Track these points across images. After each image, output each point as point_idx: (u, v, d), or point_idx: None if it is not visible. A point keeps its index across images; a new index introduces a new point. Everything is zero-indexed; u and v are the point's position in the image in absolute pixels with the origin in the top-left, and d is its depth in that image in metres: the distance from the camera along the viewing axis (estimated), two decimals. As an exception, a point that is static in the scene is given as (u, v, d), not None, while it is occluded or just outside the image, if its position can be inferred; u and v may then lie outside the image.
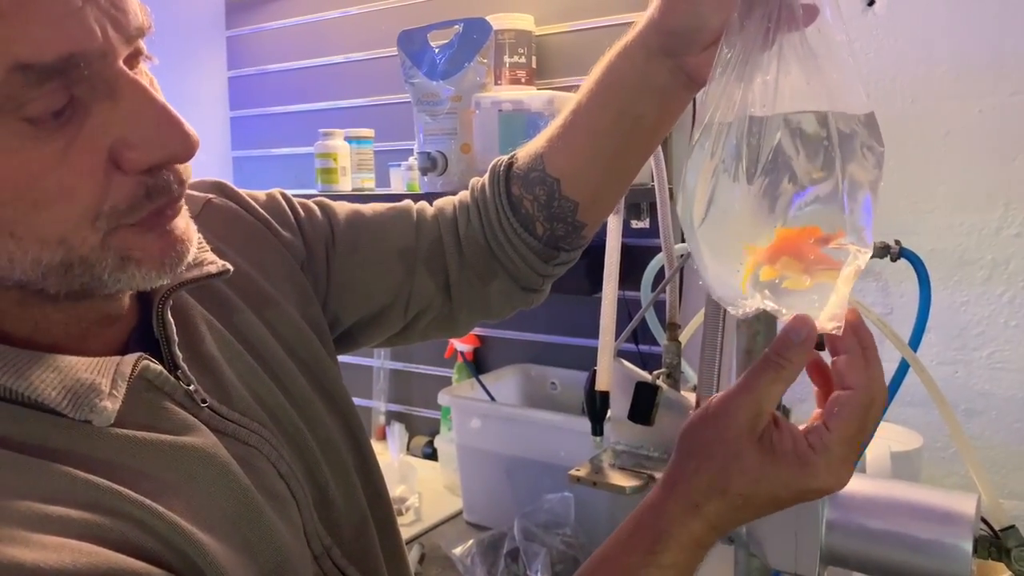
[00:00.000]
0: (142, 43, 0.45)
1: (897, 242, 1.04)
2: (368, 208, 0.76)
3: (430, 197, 1.36)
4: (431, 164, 1.28)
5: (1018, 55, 1.17)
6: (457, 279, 0.74)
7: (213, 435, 0.52)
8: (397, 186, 1.60)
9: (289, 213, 0.72)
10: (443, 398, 1.41)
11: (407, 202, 0.78)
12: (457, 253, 0.74)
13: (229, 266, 0.57)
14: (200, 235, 0.56)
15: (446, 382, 1.66)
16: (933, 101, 1.23)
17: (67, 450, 0.45)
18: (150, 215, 0.46)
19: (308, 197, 1.61)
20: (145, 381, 0.50)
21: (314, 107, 1.89)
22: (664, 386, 0.85)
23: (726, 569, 1.03)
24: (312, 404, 0.62)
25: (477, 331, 1.68)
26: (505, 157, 0.73)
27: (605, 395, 0.82)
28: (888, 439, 1.06)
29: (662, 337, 1.19)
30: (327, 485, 0.60)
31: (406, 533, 1.34)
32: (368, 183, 1.60)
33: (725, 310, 0.77)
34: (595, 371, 0.83)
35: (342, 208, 0.75)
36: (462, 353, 1.67)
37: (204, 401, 0.53)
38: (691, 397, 0.82)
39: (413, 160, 1.50)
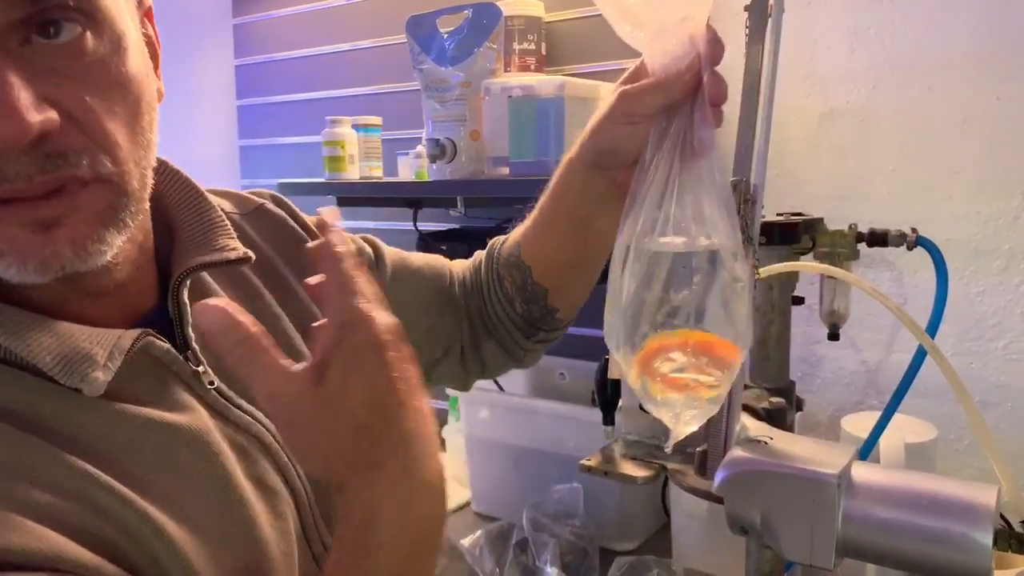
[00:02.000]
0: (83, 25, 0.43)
1: (914, 230, 1.02)
2: (411, 254, 0.82)
3: (439, 184, 1.35)
4: (440, 151, 1.27)
5: (1038, 41, 1.15)
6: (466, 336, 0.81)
7: (213, 419, 0.52)
8: (405, 174, 1.59)
9: None
10: (451, 389, 1.41)
11: (442, 258, 0.84)
12: (467, 313, 0.81)
13: (250, 253, 0.57)
14: (228, 224, 0.58)
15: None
16: (950, 87, 1.21)
17: (53, 419, 0.45)
18: (18, 202, 0.42)
19: (315, 185, 1.61)
20: (152, 358, 0.51)
21: (321, 95, 1.88)
22: (677, 375, 0.84)
23: (738, 561, 1.02)
24: None
25: (485, 321, 1.67)
26: (502, 236, 0.80)
27: (617, 383, 0.81)
28: (902, 430, 1.05)
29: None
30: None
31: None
32: (376, 171, 1.59)
33: (740, 298, 0.75)
34: (607, 360, 0.82)
35: (388, 247, 0.81)
36: (470, 343, 1.66)
37: (212, 383, 0.53)
38: (704, 387, 0.81)
39: (421, 148, 1.49)
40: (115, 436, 0.47)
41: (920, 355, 0.93)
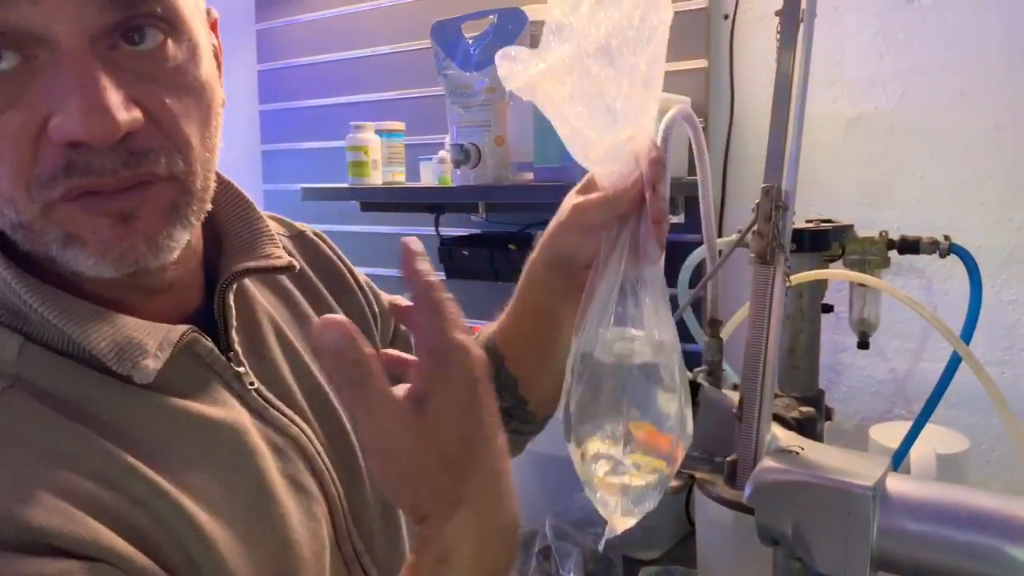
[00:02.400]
0: (155, 30, 0.46)
1: (947, 238, 1.01)
2: None
3: (463, 190, 1.35)
4: (464, 156, 1.27)
5: (1072, 45, 1.13)
6: None
7: (252, 418, 0.54)
8: (427, 179, 1.59)
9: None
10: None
11: None
12: None
13: (295, 262, 0.60)
14: (271, 234, 0.60)
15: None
16: (983, 93, 1.19)
17: (100, 409, 0.47)
18: (83, 194, 0.45)
19: (338, 191, 1.61)
20: (196, 356, 0.53)
21: (343, 100, 1.88)
22: (705, 384, 0.83)
23: (765, 571, 1.01)
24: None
25: (506, 326, 1.67)
26: (489, 324, 0.81)
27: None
28: (933, 441, 1.03)
29: (699, 334, 1.17)
30: (364, 491, 0.60)
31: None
32: (399, 176, 1.59)
33: (771, 307, 0.74)
34: (635, 368, 0.81)
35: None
36: (492, 348, 1.65)
37: (252, 384, 0.55)
38: (733, 396, 0.80)
39: (444, 153, 1.49)
40: (157, 429, 0.48)
41: (954, 364, 0.91)
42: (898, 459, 0.96)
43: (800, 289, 0.98)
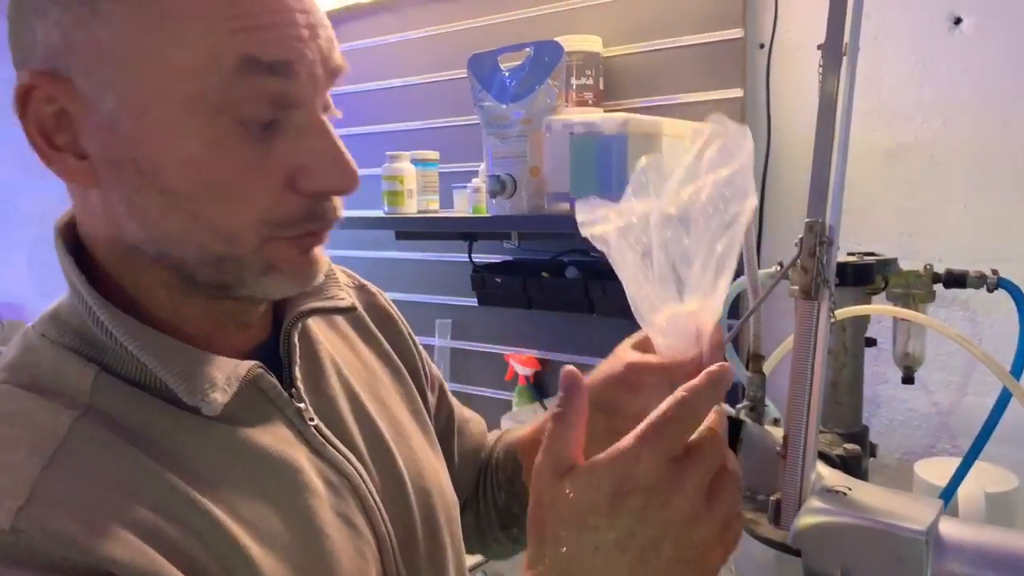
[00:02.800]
0: (329, 98, 0.54)
1: (994, 272, 0.98)
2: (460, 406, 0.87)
3: (498, 220, 1.35)
4: (500, 187, 1.27)
5: (1120, 74, 1.11)
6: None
7: (309, 454, 0.56)
8: (461, 207, 1.60)
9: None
10: (507, 422, 1.39)
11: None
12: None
13: (357, 304, 0.65)
14: (336, 277, 0.65)
15: (505, 405, 1.64)
16: (1021, 121, 1.18)
17: (163, 438, 0.49)
18: (305, 235, 0.52)
19: (374, 220, 1.62)
20: (261, 392, 0.55)
21: (377, 129, 1.90)
22: (748, 420, 0.82)
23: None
24: (416, 452, 0.66)
25: (538, 354, 1.66)
26: (516, 427, 0.85)
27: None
28: (982, 479, 1.00)
29: (740, 369, 1.15)
30: (414, 533, 0.62)
31: (470, 560, 1.32)
32: (433, 204, 1.61)
33: (816, 343, 0.73)
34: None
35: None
36: (525, 376, 1.65)
37: (312, 420, 0.57)
38: (775, 431, 0.78)
39: (478, 181, 1.50)
40: (217, 460, 0.51)
41: (1004, 400, 0.89)
42: (946, 497, 0.94)
43: (843, 323, 0.96)
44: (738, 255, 0.56)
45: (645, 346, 0.63)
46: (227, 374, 0.52)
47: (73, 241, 0.54)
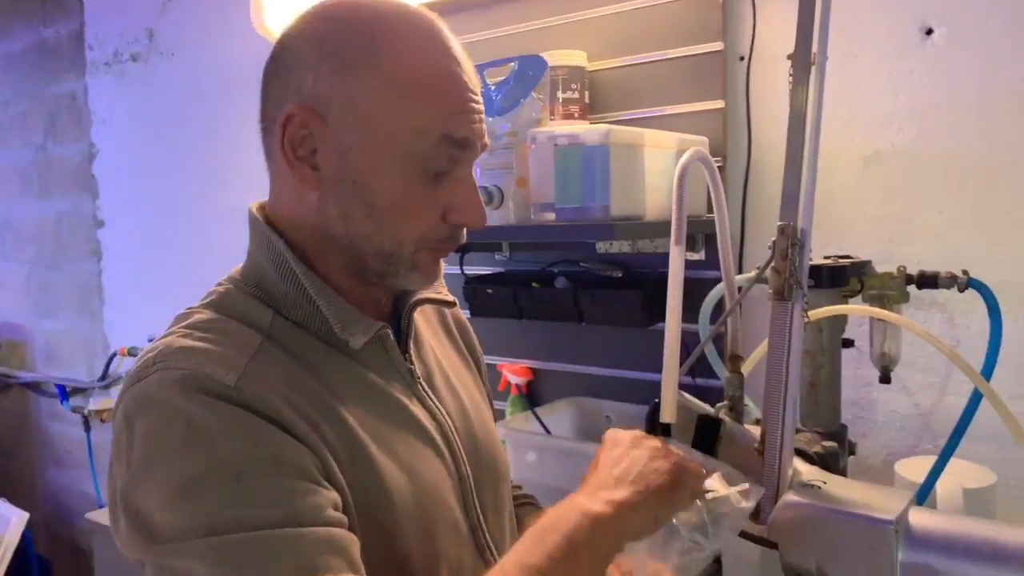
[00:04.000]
0: None
1: (965, 272, 1.01)
2: None
3: (487, 230, 1.38)
4: (488, 198, 1.30)
5: (1086, 81, 1.15)
6: None
7: (415, 402, 0.77)
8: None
9: None
10: (499, 431, 1.41)
11: None
12: None
13: (455, 300, 0.87)
14: (443, 283, 0.88)
15: (499, 415, 1.66)
16: (995, 128, 1.21)
17: (319, 365, 0.71)
18: (441, 250, 0.75)
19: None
20: (384, 349, 0.77)
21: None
22: (727, 419, 0.84)
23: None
24: (487, 424, 0.87)
25: (530, 363, 1.68)
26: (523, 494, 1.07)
27: (668, 427, 0.81)
28: (960, 475, 1.03)
29: (720, 369, 1.18)
30: (484, 483, 0.81)
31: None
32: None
33: (790, 342, 0.76)
34: (657, 403, 0.82)
35: None
36: (517, 386, 1.67)
37: (418, 377, 0.79)
38: (754, 430, 0.81)
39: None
40: (351, 387, 0.72)
41: (976, 398, 0.92)
42: (924, 494, 0.96)
43: (820, 324, 0.99)
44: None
45: None
46: (367, 326, 0.74)
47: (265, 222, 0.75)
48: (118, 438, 0.64)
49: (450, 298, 0.87)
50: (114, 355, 2.56)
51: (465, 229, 0.75)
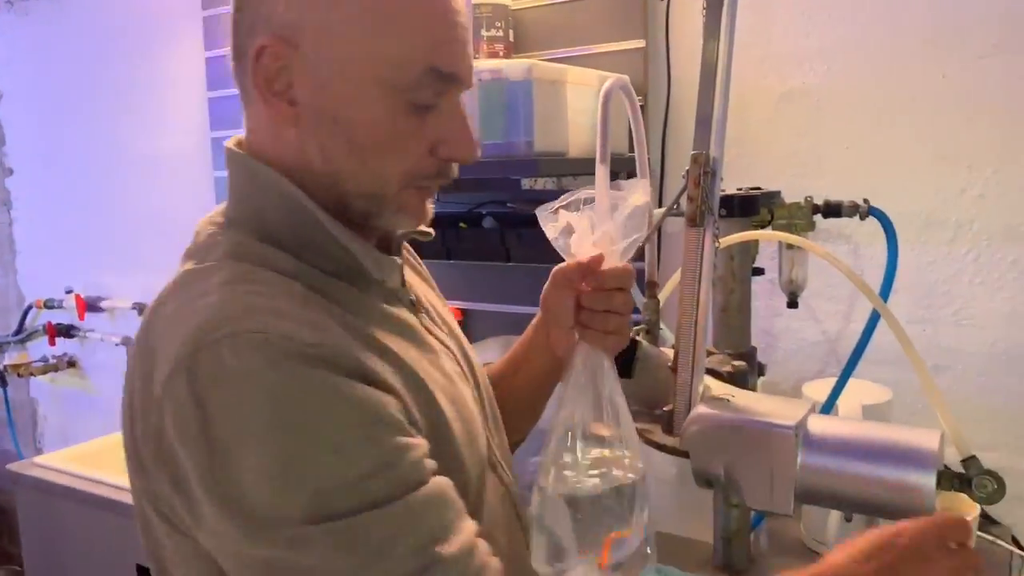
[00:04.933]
0: None
1: (866, 201, 1.07)
2: None
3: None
4: (412, 136, 1.30)
5: (982, 20, 1.21)
6: None
7: (425, 331, 0.75)
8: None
9: None
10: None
11: None
12: None
13: (432, 233, 0.82)
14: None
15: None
16: (899, 67, 1.27)
17: (350, 306, 0.67)
18: (429, 188, 0.70)
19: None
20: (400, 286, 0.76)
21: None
22: (643, 341, 0.88)
23: (707, 521, 1.07)
24: (468, 348, 0.84)
25: (459, 303, 1.71)
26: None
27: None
28: (859, 394, 1.10)
29: (637, 296, 1.22)
30: (484, 402, 0.80)
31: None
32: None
33: (702, 266, 0.80)
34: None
35: None
36: (445, 326, 1.69)
37: (422, 309, 0.78)
38: (669, 352, 0.85)
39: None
40: (381, 324, 0.69)
41: (874, 319, 0.98)
42: (826, 410, 1.03)
43: (731, 252, 1.03)
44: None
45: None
46: (391, 264, 0.72)
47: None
48: (184, 420, 0.57)
49: (430, 231, 0.83)
50: (30, 307, 2.47)
51: (456, 164, 0.70)
